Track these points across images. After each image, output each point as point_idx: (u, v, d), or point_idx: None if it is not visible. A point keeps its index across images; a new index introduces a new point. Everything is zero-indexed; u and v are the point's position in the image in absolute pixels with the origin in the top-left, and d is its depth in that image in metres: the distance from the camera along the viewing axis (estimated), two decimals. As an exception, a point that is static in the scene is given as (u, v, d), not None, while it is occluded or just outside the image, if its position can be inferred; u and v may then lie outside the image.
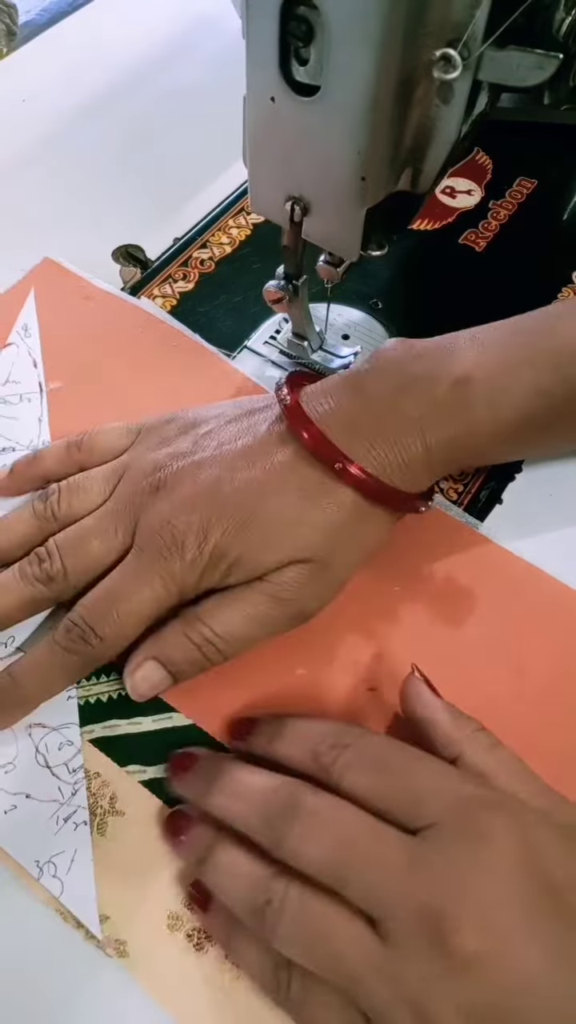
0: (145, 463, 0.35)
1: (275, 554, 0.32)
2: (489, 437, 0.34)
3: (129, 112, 0.57)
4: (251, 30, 0.29)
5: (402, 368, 0.34)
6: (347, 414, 0.34)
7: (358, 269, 0.37)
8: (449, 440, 0.33)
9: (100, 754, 0.33)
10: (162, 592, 0.32)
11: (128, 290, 0.47)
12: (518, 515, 0.39)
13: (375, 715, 0.34)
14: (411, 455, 0.33)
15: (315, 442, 0.33)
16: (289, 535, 0.32)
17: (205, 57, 0.61)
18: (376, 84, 0.28)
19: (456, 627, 0.36)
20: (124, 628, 0.32)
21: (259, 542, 0.32)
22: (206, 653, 0.32)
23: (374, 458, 0.33)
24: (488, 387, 0.33)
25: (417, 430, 0.33)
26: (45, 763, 0.33)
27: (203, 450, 0.34)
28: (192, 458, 0.34)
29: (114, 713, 0.34)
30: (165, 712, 0.34)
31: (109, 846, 0.31)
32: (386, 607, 0.36)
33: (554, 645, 0.35)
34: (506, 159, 0.53)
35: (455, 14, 0.27)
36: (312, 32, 0.28)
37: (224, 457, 0.34)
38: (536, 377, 0.33)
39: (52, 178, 0.53)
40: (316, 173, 0.32)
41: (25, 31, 0.63)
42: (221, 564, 0.32)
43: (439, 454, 0.33)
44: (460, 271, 0.48)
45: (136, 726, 0.34)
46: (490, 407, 0.33)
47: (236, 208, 0.51)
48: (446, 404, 0.33)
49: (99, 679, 0.34)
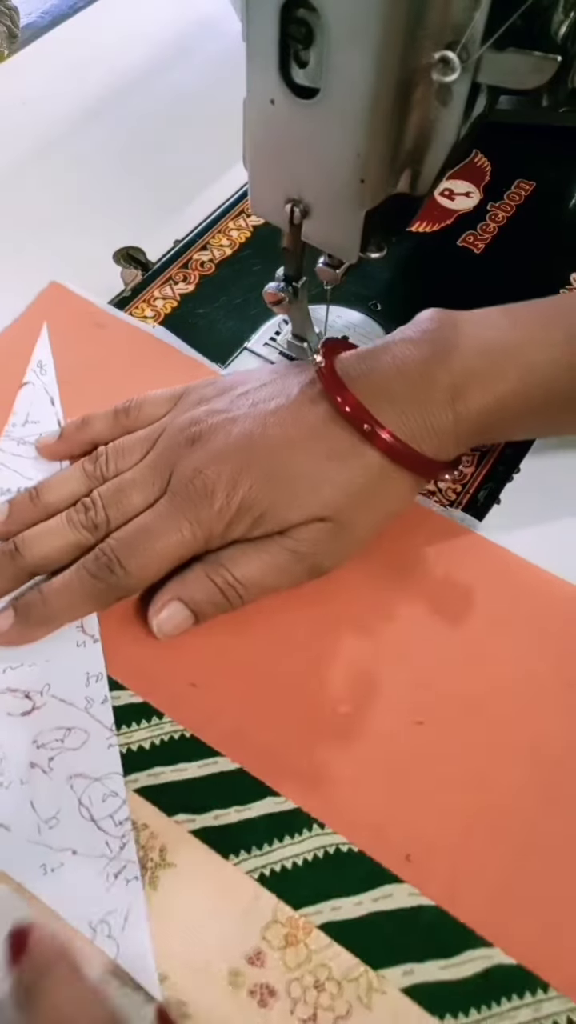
0: (183, 420, 0.37)
1: (299, 510, 0.34)
2: (518, 410, 0.35)
3: (130, 114, 0.57)
4: (251, 33, 0.29)
5: (437, 337, 0.35)
6: (380, 380, 0.35)
7: (357, 271, 0.37)
8: (478, 410, 0.34)
9: (146, 804, 0.32)
10: (188, 536, 0.34)
11: (129, 292, 0.47)
12: (517, 515, 0.39)
13: (422, 750, 0.33)
14: (440, 422, 0.34)
15: (347, 405, 0.34)
16: (313, 493, 0.34)
17: (205, 60, 0.61)
18: (375, 86, 0.28)
19: (466, 630, 0.36)
20: (148, 564, 0.34)
21: (285, 498, 0.34)
22: (227, 595, 0.34)
23: (403, 424, 0.34)
24: (521, 361, 0.34)
25: (448, 398, 0.34)
26: (90, 816, 0.31)
27: (238, 408, 0.36)
28: (227, 414, 0.36)
29: (157, 760, 0.32)
30: (211, 757, 0.33)
31: (162, 901, 0.30)
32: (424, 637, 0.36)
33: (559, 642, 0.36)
34: (505, 161, 0.53)
35: (454, 16, 0.27)
36: (312, 35, 0.28)
37: (257, 415, 0.35)
38: (569, 353, 0.35)
39: (53, 180, 0.53)
40: (316, 175, 0.32)
41: (26, 34, 0.63)
42: (247, 516, 0.34)
43: (467, 424, 0.34)
44: (459, 273, 0.49)
45: (181, 773, 0.32)
46: (521, 380, 0.34)
47: (236, 210, 0.51)
48: (478, 374, 0.34)
49: (139, 724, 0.33)
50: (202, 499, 0.34)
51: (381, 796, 0.32)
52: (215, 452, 0.35)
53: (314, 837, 0.31)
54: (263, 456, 0.34)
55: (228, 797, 0.32)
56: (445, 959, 0.29)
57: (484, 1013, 0.28)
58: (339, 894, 0.30)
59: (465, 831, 0.31)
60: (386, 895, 0.30)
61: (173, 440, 0.36)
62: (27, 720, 0.33)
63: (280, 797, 0.32)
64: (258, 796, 0.32)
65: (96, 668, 0.34)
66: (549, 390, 0.35)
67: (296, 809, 0.32)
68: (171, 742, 0.33)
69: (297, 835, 0.31)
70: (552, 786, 0.32)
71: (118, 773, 0.32)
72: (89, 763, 0.32)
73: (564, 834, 0.31)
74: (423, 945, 0.29)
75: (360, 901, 0.30)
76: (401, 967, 0.29)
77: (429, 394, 0.34)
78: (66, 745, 0.33)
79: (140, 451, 0.37)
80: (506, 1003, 0.28)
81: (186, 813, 0.31)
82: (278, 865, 0.30)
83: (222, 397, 0.37)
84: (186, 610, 0.34)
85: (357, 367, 0.35)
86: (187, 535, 0.34)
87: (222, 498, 0.34)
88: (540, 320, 0.36)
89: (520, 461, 0.41)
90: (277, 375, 0.38)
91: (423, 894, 0.30)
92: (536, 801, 0.32)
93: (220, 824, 0.31)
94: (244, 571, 0.34)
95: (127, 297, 0.47)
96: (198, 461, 0.35)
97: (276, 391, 0.37)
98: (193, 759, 0.33)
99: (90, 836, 0.31)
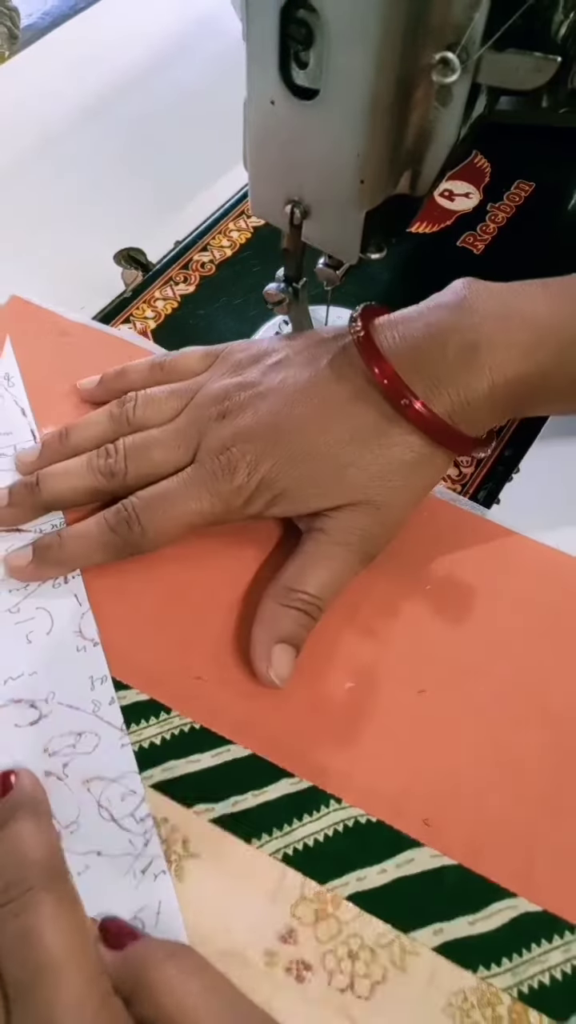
0: (215, 389, 0.37)
1: (322, 493, 0.34)
2: (556, 382, 0.35)
3: (130, 115, 0.57)
4: (251, 33, 0.29)
5: (473, 306, 0.35)
6: (416, 350, 0.34)
7: (357, 272, 0.38)
8: (516, 379, 0.34)
9: (164, 798, 0.32)
10: (207, 508, 0.35)
11: (130, 292, 0.47)
12: (516, 515, 0.39)
13: (429, 718, 0.34)
14: (476, 394, 0.34)
15: (384, 376, 0.34)
16: (337, 477, 0.34)
17: (205, 60, 0.61)
18: (375, 87, 0.28)
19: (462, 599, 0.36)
20: (165, 527, 0.35)
21: (306, 479, 0.34)
22: (311, 614, 0.34)
23: (437, 396, 0.33)
24: (557, 332, 0.34)
25: (485, 368, 0.33)
26: (110, 817, 0.31)
27: (268, 382, 0.36)
28: (257, 389, 0.36)
29: (169, 754, 0.33)
30: (223, 745, 0.33)
31: (190, 891, 0.30)
32: (421, 607, 0.36)
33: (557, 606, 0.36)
34: (504, 162, 0.54)
35: (454, 17, 0.27)
36: (312, 35, 0.28)
37: (286, 390, 0.36)
38: None
39: (54, 181, 0.53)
40: (316, 176, 0.32)
41: (27, 34, 0.63)
42: (266, 494, 0.35)
43: (503, 394, 0.34)
44: (459, 274, 0.48)
45: (195, 764, 0.32)
46: (561, 351, 0.34)
47: (236, 211, 0.51)
48: (517, 344, 0.34)
49: (147, 721, 0.33)
50: (225, 474, 0.35)
51: (393, 765, 0.33)
52: (243, 429, 0.35)
53: (332, 812, 0.31)
54: (287, 437, 0.35)
55: (244, 783, 0.32)
56: (472, 914, 0.30)
57: (516, 961, 0.29)
58: (363, 864, 0.31)
59: (478, 790, 0.32)
60: (408, 860, 0.31)
61: (204, 411, 0.37)
62: (36, 729, 0.33)
63: (295, 777, 0.32)
64: (273, 779, 0.32)
65: (99, 671, 0.34)
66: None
67: (312, 787, 0.32)
68: (182, 735, 0.33)
69: (315, 812, 0.31)
70: (562, 738, 0.33)
71: (134, 771, 0.32)
72: (104, 765, 0.32)
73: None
74: (449, 903, 0.30)
75: (384, 869, 0.30)
76: (431, 927, 0.30)
77: (466, 364, 0.33)
78: (78, 750, 0.32)
79: (168, 405, 0.38)
80: (536, 948, 0.29)
81: (204, 803, 0.32)
82: (300, 843, 0.31)
83: (256, 366, 0.37)
84: (288, 647, 0.33)
85: (391, 335, 0.35)
86: (206, 506, 0.35)
87: (243, 475, 0.34)
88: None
89: (519, 461, 0.41)
90: (311, 341, 0.38)
91: (444, 855, 0.31)
92: (545, 752, 0.33)
93: (239, 810, 0.32)
94: (315, 585, 0.34)
95: (127, 298, 0.47)
96: (226, 436, 0.35)
97: (306, 361, 0.36)
98: (205, 749, 0.33)
99: (113, 836, 0.31)
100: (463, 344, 0.34)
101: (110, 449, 0.37)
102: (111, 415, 0.39)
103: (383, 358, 0.34)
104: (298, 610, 0.34)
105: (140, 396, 0.38)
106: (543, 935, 0.29)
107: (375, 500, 0.34)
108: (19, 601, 0.36)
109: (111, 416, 0.38)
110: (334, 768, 0.32)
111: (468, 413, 0.34)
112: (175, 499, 0.35)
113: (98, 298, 0.47)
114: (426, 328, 0.34)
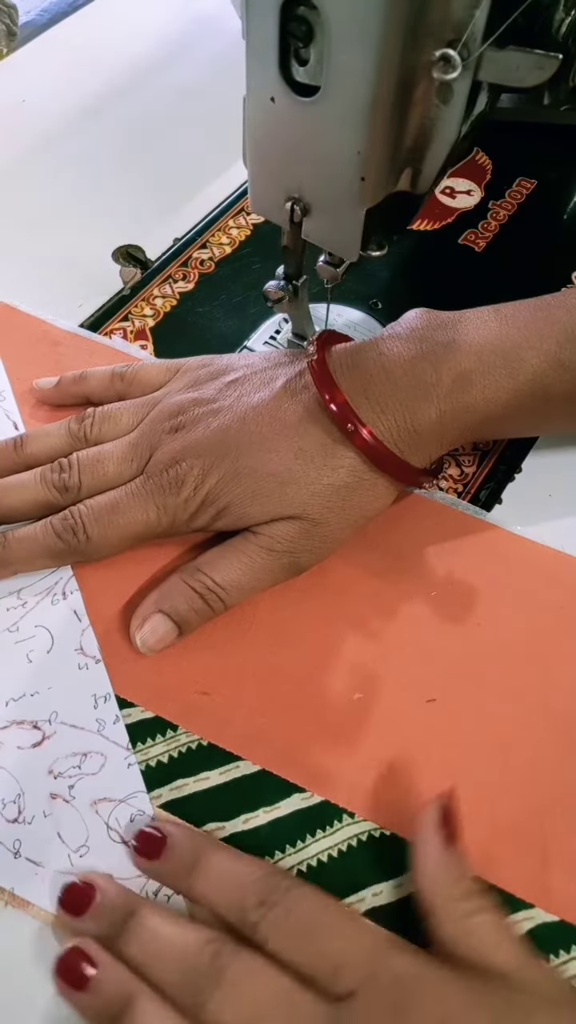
0: (171, 404, 0.37)
1: (261, 507, 0.34)
2: (505, 407, 0.35)
3: (129, 112, 0.57)
4: (251, 30, 0.29)
5: (425, 335, 0.35)
6: (365, 377, 0.35)
7: (358, 269, 0.37)
8: (464, 408, 0.34)
9: (174, 818, 0.31)
10: (153, 519, 0.35)
11: (128, 290, 0.47)
12: (518, 515, 0.39)
13: (439, 727, 0.33)
14: (423, 421, 0.34)
15: (333, 403, 0.34)
16: (277, 492, 0.34)
17: (205, 57, 0.61)
18: (376, 84, 0.28)
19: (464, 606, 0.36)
20: (109, 536, 0.35)
21: (248, 494, 0.34)
22: (208, 601, 0.34)
23: (383, 422, 0.34)
24: (508, 358, 0.34)
25: (433, 396, 0.34)
26: (120, 839, 0.31)
27: (224, 399, 0.37)
28: (211, 406, 0.36)
29: (178, 773, 0.32)
30: (231, 762, 0.32)
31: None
32: (427, 614, 0.36)
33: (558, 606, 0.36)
34: (506, 159, 0.53)
35: (455, 14, 0.27)
36: (312, 32, 0.28)
37: (238, 409, 0.36)
38: (558, 350, 0.35)
39: (52, 178, 0.53)
40: (316, 173, 0.32)
41: (25, 31, 0.63)
42: (211, 508, 0.35)
43: (452, 422, 0.34)
44: (460, 271, 0.49)
45: (204, 782, 0.32)
46: (511, 378, 0.34)
47: (236, 208, 0.51)
48: (465, 373, 0.34)
49: (154, 740, 0.33)
50: (172, 488, 0.35)
51: (404, 777, 0.32)
52: (193, 443, 0.35)
53: (345, 827, 0.31)
54: (234, 453, 0.35)
55: (254, 800, 0.32)
56: None
57: None
58: (379, 879, 0.30)
59: (490, 798, 0.32)
60: None
61: (158, 425, 0.37)
62: (39, 751, 0.33)
63: (306, 793, 0.32)
64: (284, 795, 0.32)
65: (103, 689, 0.34)
66: (538, 387, 0.35)
67: (324, 802, 0.32)
68: (189, 752, 0.33)
69: (328, 827, 0.31)
70: (570, 740, 0.33)
71: (142, 791, 0.32)
72: (111, 785, 0.32)
73: None
74: None
75: (400, 883, 0.30)
76: None
77: (414, 392, 0.34)
78: (84, 770, 0.32)
79: (127, 422, 0.38)
80: (555, 959, 0.29)
81: (215, 821, 0.31)
82: (314, 860, 0.31)
83: (214, 383, 0.38)
84: (169, 621, 0.34)
85: (344, 363, 0.35)
86: (152, 518, 0.35)
87: (189, 489, 0.35)
88: (529, 319, 0.36)
89: (522, 461, 0.41)
90: (268, 363, 0.38)
91: None
92: (554, 755, 0.33)
93: (250, 828, 0.31)
94: (223, 574, 0.34)
95: (126, 296, 0.47)
96: (176, 450, 0.35)
97: (262, 382, 0.37)
98: (214, 767, 0.32)
99: (124, 859, 0.30)
100: (412, 373, 0.34)
101: (64, 464, 0.37)
102: (69, 430, 0.39)
103: (334, 384, 0.34)
104: (195, 592, 0.34)
105: (98, 413, 0.39)
106: (561, 946, 0.29)
107: (311, 516, 0.34)
108: (18, 620, 0.36)
109: (69, 431, 0.39)
110: (345, 781, 0.32)
111: (415, 440, 0.34)
112: (122, 509, 0.35)
113: (96, 296, 0.47)
114: (378, 357, 0.35)
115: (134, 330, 0.46)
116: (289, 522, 0.34)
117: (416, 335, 0.36)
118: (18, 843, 0.31)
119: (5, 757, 0.32)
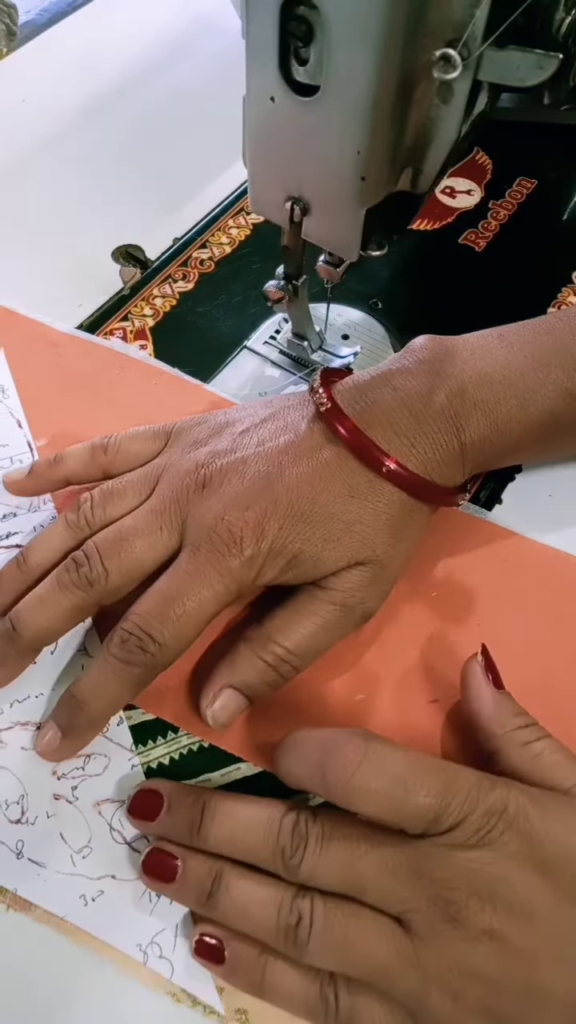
0: (185, 462, 0.34)
1: (334, 552, 0.32)
2: (518, 437, 0.34)
3: (129, 112, 0.57)
4: (251, 30, 0.29)
5: (434, 368, 0.35)
6: (386, 413, 0.33)
7: (358, 269, 0.37)
8: (481, 438, 0.34)
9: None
10: (221, 590, 0.31)
11: (128, 290, 0.47)
12: (518, 515, 0.39)
13: (439, 727, 0.33)
14: (448, 452, 0.34)
15: (358, 445, 0.33)
16: (349, 534, 0.32)
17: (205, 57, 0.61)
18: (376, 84, 0.28)
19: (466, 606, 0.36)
20: (184, 630, 0.31)
21: (319, 539, 0.32)
22: (281, 672, 0.32)
23: (415, 456, 0.33)
24: (518, 388, 0.34)
25: (453, 429, 0.34)
26: (123, 840, 0.31)
27: (244, 448, 0.34)
28: (235, 455, 0.34)
29: (179, 774, 0.32)
30: (232, 764, 0.32)
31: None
32: (428, 615, 0.36)
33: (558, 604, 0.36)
34: (506, 159, 0.53)
35: (455, 14, 0.27)
36: (312, 32, 0.28)
37: (268, 454, 0.33)
38: (565, 378, 0.34)
39: (52, 178, 0.53)
40: (316, 173, 0.32)
41: (25, 31, 0.63)
42: (280, 560, 0.32)
43: (472, 452, 0.34)
44: (460, 271, 0.48)
45: (205, 784, 0.32)
46: (520, 407, 0.34)
47: (236, 208, 0.51)
48: (479, 404, 0.34)
49: (155, 742, 0.33)
50: (230, 548, 0.31)
51: None
52: (234, 496, 0.32)
53: None
54: (286, 496, 0.32)
55: None
56: None
57: None
58: None
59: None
60: None
61: (180, 484, 0.33)
62: None
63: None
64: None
65: None
66: (548, 416, 0.34)
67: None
68: (190, 754, 0.33)
69: None
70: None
71: None
72: (114, 787, 0.32)
73: None
74: None
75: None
76: None
77: (436, 425, 0.33)
78: (88, 772, 0.32)
79: (134, 495, 0.34)
80: None
81: None
82: None
83: (220, 437, 0.35)
84: (240, 696, 0.32)
85: (359, 402, 0.34)
86: (220, 589, 0.31)
87: (252, 545, 0.31)
88: (535, 345, 0.35)
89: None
90: (274, 409, 0.36)
91: None
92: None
93: None
94: (296, 641, 0.32)
95: (126, 296, 0.47)
96: (218, 508, 0.32)
97: (281, 427, 0.34)
98: (215, 768, 0.32)
99: (127, 859, 0.31)
100: (431, 407, 0.34)
101: (79, 557, 0.32)
102: (67, 523, 0.34)
103: (357, 429, 0.33)
104: (267, 664, 0.32)
105: (96, 494, 0.34)
106: None
107: (379, 557, 0.33)
108: None
109: (67, 524, 0.34)
110: None
111: (443, 469, 0.34)
112: (181, 595, 0.31)
113: (96, 295, 0.47)
114: (394, 393, 0.34)
115: (134, 330, 0.46)
116: (358, 569, 0.32)
117: (425, 368, 0.35)
118: (21, 844, 0.31)
119: (9, 758, 0.32)
